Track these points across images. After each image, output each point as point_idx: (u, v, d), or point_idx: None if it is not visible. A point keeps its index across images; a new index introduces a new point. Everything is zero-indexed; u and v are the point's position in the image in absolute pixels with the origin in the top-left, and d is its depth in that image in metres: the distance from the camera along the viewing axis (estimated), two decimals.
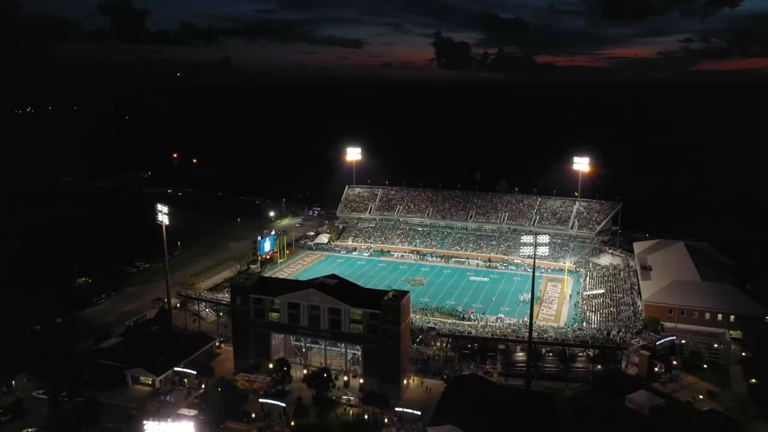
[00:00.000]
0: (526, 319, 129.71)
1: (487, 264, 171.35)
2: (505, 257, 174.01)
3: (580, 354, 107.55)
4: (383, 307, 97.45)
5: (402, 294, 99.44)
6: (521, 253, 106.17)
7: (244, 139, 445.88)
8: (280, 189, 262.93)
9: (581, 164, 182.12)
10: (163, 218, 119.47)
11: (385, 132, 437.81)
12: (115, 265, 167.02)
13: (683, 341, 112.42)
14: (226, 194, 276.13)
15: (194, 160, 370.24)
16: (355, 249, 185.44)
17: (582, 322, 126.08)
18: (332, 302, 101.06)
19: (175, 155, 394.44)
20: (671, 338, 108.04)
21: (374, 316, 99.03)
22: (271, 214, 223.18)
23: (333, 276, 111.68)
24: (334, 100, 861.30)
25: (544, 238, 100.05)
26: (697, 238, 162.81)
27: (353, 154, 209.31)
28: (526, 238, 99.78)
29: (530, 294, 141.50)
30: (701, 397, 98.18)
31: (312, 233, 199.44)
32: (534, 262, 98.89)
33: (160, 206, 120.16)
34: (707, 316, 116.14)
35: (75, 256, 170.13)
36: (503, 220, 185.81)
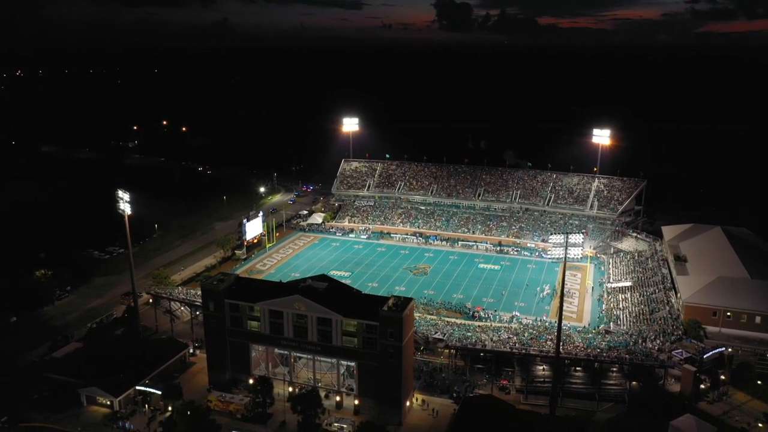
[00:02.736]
0: (544, 318, 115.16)
1: (498, 248, 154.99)
2: (517, 240, 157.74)
3: (613, 368, 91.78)
4: (382, 320, 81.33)
5: (404, 302, 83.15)
6: (551, 255, 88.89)
7: (237, 107, 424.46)
8: (271, 161, 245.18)
9: (601, 137, 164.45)
10: (125, 207, 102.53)
11: (385, 101, 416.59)
12: (85, 251, 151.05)
13: (729, 350, 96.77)
14: (212, 166, 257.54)
15: (183, 129, 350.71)
16: (352, 230, 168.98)
17: (609, 322, 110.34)
18: (321, 311, 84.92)
19: (164, 122, 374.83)
20: (720, 350, 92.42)
21: (371, 328, 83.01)
22: (261, 189, 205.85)
23: (323, 277, 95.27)
24: (332, 65, 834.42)
25: (577, 238, 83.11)
26: (732, 221, 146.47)
27: (350, 124, 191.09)
28: (556, 238, 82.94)
29: (549, 289, 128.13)
30: (760, 425, 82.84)
31: (305, 212, 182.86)
32: (564, 267, 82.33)
33: (121, 193, 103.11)
34: (758, 320, 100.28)
35: (41, 240, 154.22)
36: (515, 198, 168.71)
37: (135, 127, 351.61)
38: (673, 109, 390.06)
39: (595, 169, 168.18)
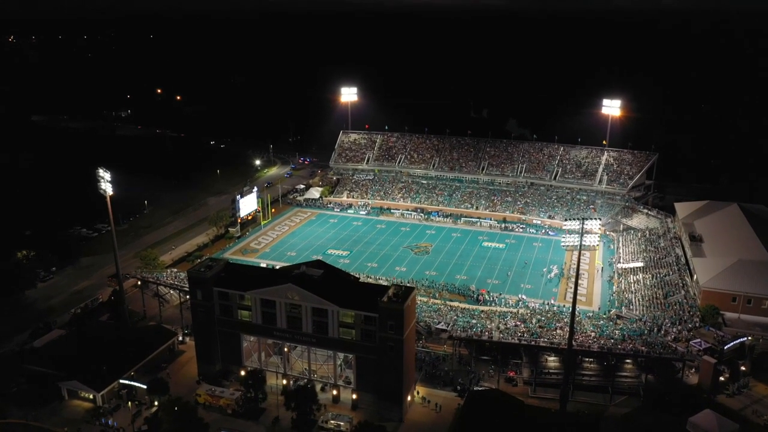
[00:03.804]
0: (552, 301, 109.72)
1: (502, 225, 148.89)
2: (523, 216, 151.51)
3: (627, 361, 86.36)
4: (382, 311, 75.57)
5: (406, 292, 77.27)
6: (565, 243, 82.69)
7: (233, 74, 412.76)
8: (268, 132, 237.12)
9: (611, 107, 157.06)
10: (107, 186, 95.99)
11: (384, 69, 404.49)
12: (71, 228, 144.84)
13: (749, 338, 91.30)
14: (207, 137, 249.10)
15: (178, 98, 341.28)
16: (350, 206, 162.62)
17: (620, 306, 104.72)
18: (316, 301, 79.09)
19: (159, 90, 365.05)
20: (742, 340, 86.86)
21: (370, 319, 77.30)
22: (257, 162, 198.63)
23: (318, 263, 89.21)
24: (329, 32, 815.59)
25: (593, 224, 76.82)
26: (747, 196, 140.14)
27: (348, 94, 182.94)
28: (571, 224, 76.65)
29: (557, 270, 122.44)
30: None
31: (302, 186, 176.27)
32: (579, 255, 76.30)
33: (101, 172, 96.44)
34: None
35: (26, 216, 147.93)
36: (520, 172, 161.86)
37: (128, 96, 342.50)
38: (685, 78, 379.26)
39: (604, 141, 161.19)
